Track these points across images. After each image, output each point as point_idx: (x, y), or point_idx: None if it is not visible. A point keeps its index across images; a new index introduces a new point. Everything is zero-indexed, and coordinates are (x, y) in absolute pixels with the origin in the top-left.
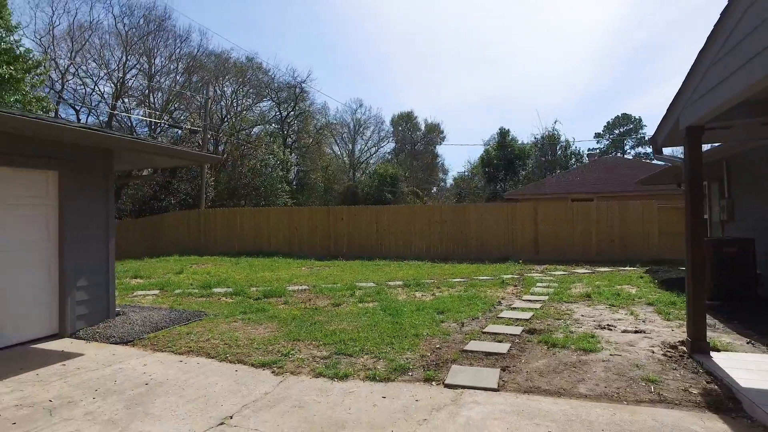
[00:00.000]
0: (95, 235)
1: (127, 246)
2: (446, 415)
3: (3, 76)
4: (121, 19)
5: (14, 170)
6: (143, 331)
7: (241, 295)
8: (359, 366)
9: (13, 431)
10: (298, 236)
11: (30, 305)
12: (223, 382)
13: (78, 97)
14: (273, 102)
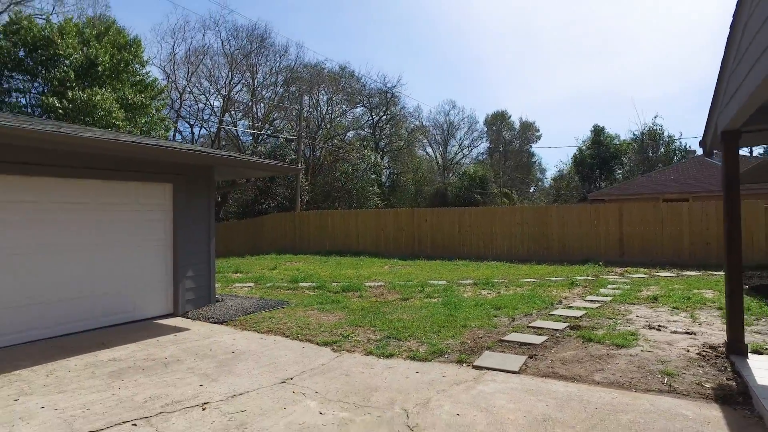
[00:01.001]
0: (199, 235)
1: (232, 245)
2: (463, 388)
3: (136, 103)
4: (228, 42)
5: (143, 183)
6: (235, 314)
7: (323, 288)
8: (404, 348)
9: (143, 373)
10: (384, 237)
11: (153, 290)
12: (291, 355)
13: (192, 112)
14: (365, 108)
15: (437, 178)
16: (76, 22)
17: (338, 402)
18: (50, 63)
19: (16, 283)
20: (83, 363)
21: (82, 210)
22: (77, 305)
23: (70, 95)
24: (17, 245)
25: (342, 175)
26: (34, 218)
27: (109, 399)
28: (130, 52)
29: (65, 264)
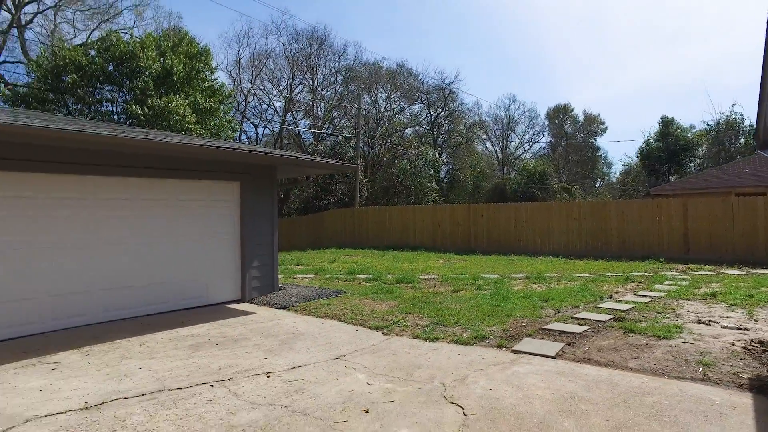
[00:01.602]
0: (264, 228)
1: (294, 239)
2: (499, 369)
3: (206, 107)
4: (289, 45)
5: (215, 182)
6: (296, 301)
7: (378, 280)
8: (449, 333)
9: (216, 347)
10: (441, 232)
11: (223, 278)
12: (345, 336)
13: (256, 113)
14: (423, 104)
15: (497, 173)
16: (154, 36)
17: (384, 375)
18: (133, 74)
19: (115, 269)
20: (168, 337)
21: (163, 206)
22: (160, 289)
23: (149, 103)
24: (118, 237)
25: (400, 172)
26: (129, 213)
27: (190, 365)
28: (200, 60)
29: (151, 253)
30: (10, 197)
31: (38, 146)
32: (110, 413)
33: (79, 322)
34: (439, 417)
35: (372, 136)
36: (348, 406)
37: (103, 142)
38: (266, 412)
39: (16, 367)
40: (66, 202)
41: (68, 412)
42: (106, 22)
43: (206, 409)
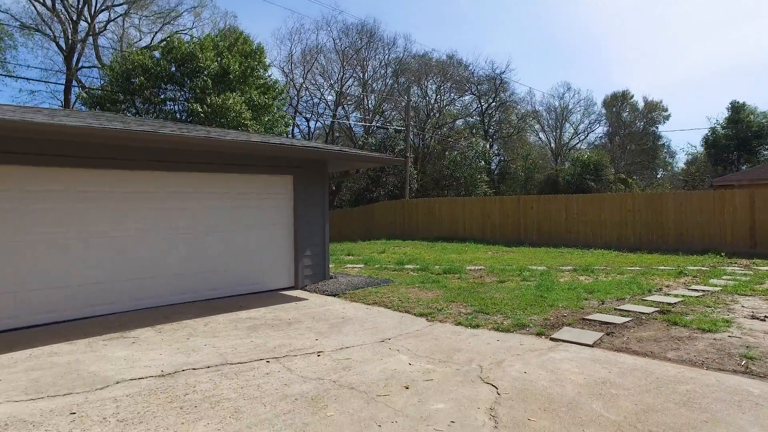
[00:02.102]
0: (315, 220)
1: (345, 230)
2: (535, 354)
3: (261, 104)
4: (339, 39)
5: (270, 176)
6: (346, 288)
7: (425, 270)
8: (491, 321)
9: (272, 329)
10: (490, 224)
11: (278, 266)
12: (390, 321)
13: (308, 107)
14: (474, 95)
15: (549, 164)
16: (212, 37)
17: (425, 357)
18: (193, 74)
19: (181, 256)
20: (228, 319)
21: (222, 198)
22: (220, 276)
23: (208, 101)
24: (183, 227)
25: (451, 163)
26: (192, 205)
27: (249, 344)
28: (254, 58)
29: (212, 242)
30: (93, 192)
31: (119, 147)
32: (182, 381)
33: (150, 304)
34: (474, 395)
35: (422, 128)
36: (390, 382)
37: (171, 140)
38: (316, 385)
39: (104, 339)
40: (141, 195)
41: (148, 378)
42: (168, 25)
43: (263, 381)
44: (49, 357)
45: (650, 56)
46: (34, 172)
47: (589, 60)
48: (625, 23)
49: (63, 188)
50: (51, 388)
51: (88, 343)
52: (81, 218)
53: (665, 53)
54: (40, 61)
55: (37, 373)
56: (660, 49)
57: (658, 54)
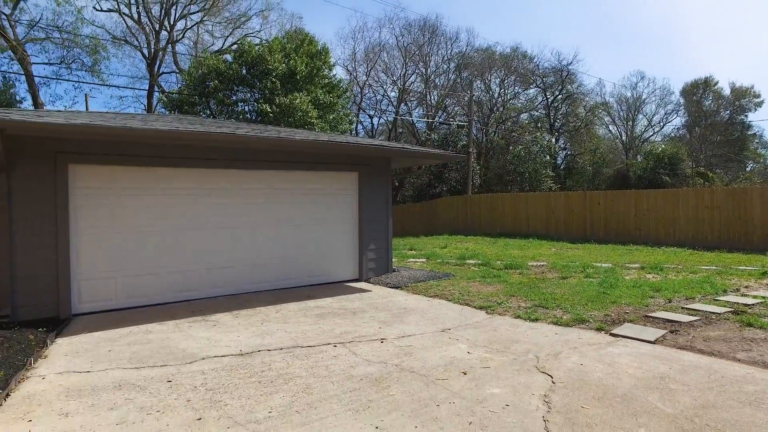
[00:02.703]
0: (379, 215)
1: (407, 226)
2: (593, 348)
3: (326, 102)
4: (402, 36)
5: (336, 173)
6: (408, 281)
7: (487, 265)
8: (550, 315)
9: (338, 317)
10: (555, 220)
11: (343, 259)
12: (451, 313)
13: (371, 104)
14: (539, 88)
15: (620, 158)
16: (279, 39)
17: (483, 347)
18: (262, 76)
19: (254, 248)
20: (297, 307)
21: (292, 194)
22: (290, 267)
23: (277, 101)
24: (255, 221)
25: (514, 158)
26: (263, 201)
27: (317, 330)
28: (320, 59)
29: (282, 235)
30: (178, 189)
31: (201, 148)
32: (258, 359)
33: (226, 292)
34: (529, 382)
35: (485, 123)
36: (449, 368)
37: (247, 141)
38: (379, 368)
39: (188, 321)
40: (219, 192)
41: (229, 356)
42: (238, 29)
43: (331, 363)
44: (145, 335)
45: (739, 36)
46: (127, 171)
47: (665, 46)
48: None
49: (152, 185)
50: (149, 359)
51: (175, 324)
52: (167, 213)
53: (758, 31)
54: (127, 69)
55: (137, 347)
56: (751, 28)
57: (748, 33)
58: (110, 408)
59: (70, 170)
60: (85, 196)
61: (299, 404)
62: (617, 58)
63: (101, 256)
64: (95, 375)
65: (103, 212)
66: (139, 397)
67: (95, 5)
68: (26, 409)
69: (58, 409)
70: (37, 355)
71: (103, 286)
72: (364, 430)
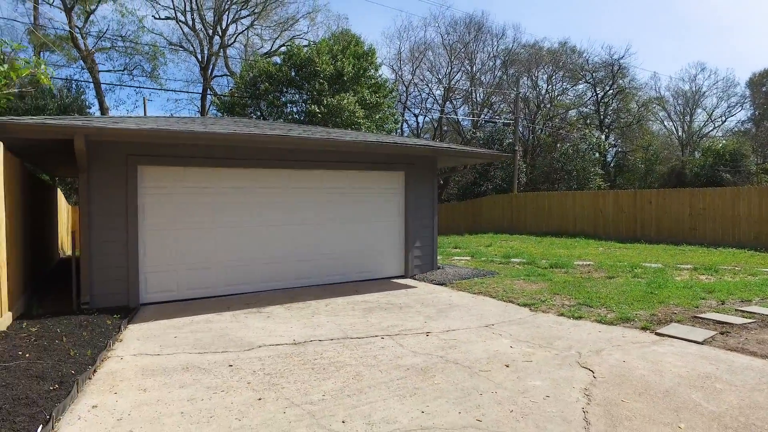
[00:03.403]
0: (425, 213)
1: (452, 224)
2: (637, 346)
3: (372, 102)
4: (447, 34)
5: (383, 172)
6: (453, 278)
7: (532, 264)
8: (594, 313)
9: (384, 311)
10: (603, 219)
11: (389, 256)
12: (495, 310)
13: (417, 103)
14: (588, 84)
15: (676, 154)
16: (327, 41)
17: (526, 342)
18: (311, 77)
19: (304, 243)
20: (345, 301)
21: (340, 193)
22: (338, 263)
23: (324, 102)
24: (305, 218)
25: (562, 156)
26: (313, 199)
27: (364, 323)
28: (366, 59)
29: (330, 232)
30: (232, 188)
31: (254, 148)
32: (311, 348)
33: (278, 286)
34: (570, 376)
35: (532, 120)
36: (492, 361)
37: (298, 142)
38: (425, 359)
39: (244, 313)
40: (272, 190)
41: (283, 345)
42: (286, 31)
43: (379, 353)
44: (205, 324)
45: None
46: (189, 171)
47: (728, 35)
48: None
49: (210, 185)
50: (211, 346)
51: (232, 315)
52: (223, 210)
53: None
54: (183, 74)
55: (199, 335)
56: None
57: None
58: (181, 386)
59: (139, 171)
60: (151, 195)
61: (350, 389)
62: (674, 50)
63: (165, 251)
64: (165, 358)
65: (167, 209)
66: (204, 378)
67: (154, 14)
68: (111, 383)
69: (137, 385)
70: (114, 339)
71: (167, 278)
72: (411, 414)
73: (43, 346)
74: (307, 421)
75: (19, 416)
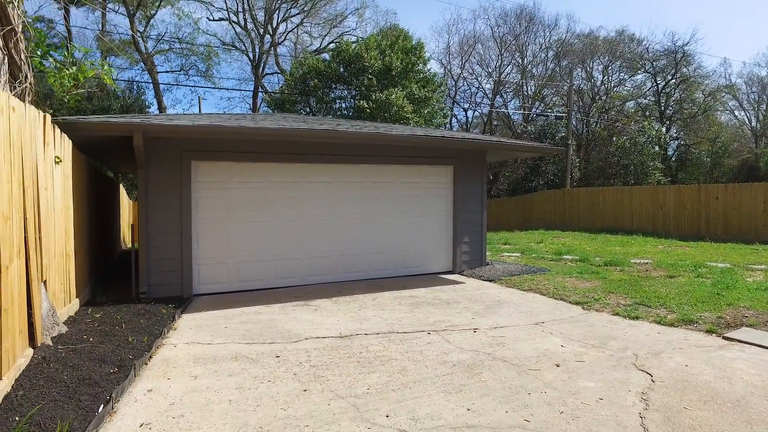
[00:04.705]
0: (473, 208)
1: (502, 220)
2: (702, 351)
3: (421, 97)
4: (497, 26)
5: (432, 166)
6: (502, 275)
7: (585, 261)
8: (652, 314)
9: (431, 306)
10: (663, 215)
11: (437, 251)
12: (545, 307)
13: (466, 97)
14: (648, 73)
15: (749, 146)
16: (375, 37)
17: (578, 341)
18: (359, 73)
19: (351, 238)
20: (392, 296)
21: (387, 188)
22: (385, 258)
23: (373, 97)
24: (353, 213)
25: (618, 150)
26: (360, 193)
27: (411, 317)
28: (414, 54)
29: (377, 227)
30: (281, 182)
31: (303, 143)
32: (357, 342)
33: (325, 280)
34: (625, 378)
35: (586, 113)
36: (541, 359)
37: (344, 136)
38: (472, 356)
39: (292, 305)
40: (319, 185)
41: (329, 338)
42: (335, 28)
43: (425, 348)
44: (254, 315)
45: None
46: (239, 166)
47: None
48: None
49: (260, 179)
50: (259, 337)
51: (281, 307)
52: (272, 204)
53: None
54: (235, 72)
55: (249, 326)
56: None
57: None
58: (229, 375)
59: (193, 166)
60: (203, 189)
61: (395, 384)
62: (747, 34)
63: (216, 243)
64: (215, 347)
65: (218, 203)
66: (252, 367)
67: (209, 16)
68: (165, 370)
69: (188, 372)
70: (168, 327)
71: (218, 270)
72: (456, 411)
73: (105, 332)
74: (352, 414)
75: (83, 395)
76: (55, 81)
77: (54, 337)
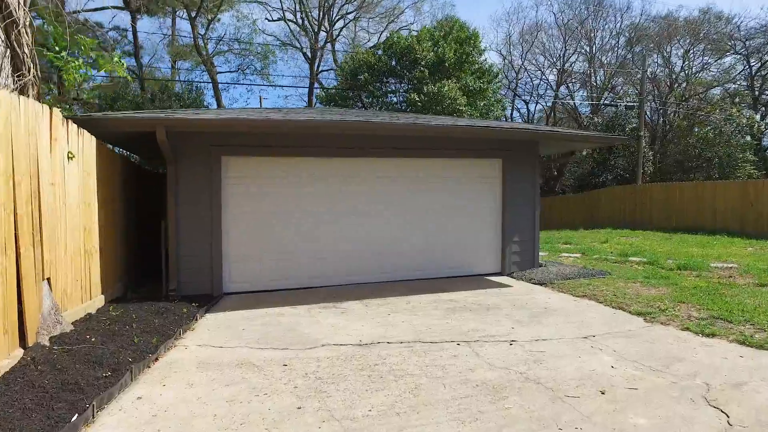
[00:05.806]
0: (524, 205)
1: (566, 217)
2: None
3: (476, 89)
4: (561, 12)
5: (478, 160)
6: (555, 278)
7: (653, 264)
8: (734, 331)
9: (470, 312)
10: (753, 213)
11: (484, 251)
12: (600, 318)
13: (528, 90)
14: (739, 55)
15: None
16: (428, 28)
17: (634, 362)
18: (411, 66)
19: (387, 236)
20: (429, 299)
21: (429, 183)
22: (426, 258)
23: (425, 90)
24: (390, 209)
25: (699, 142)
26: (398, 188)
27: (444, 325)
28: (469, 44)
29: (417, 225)
30: (314, 178)
31: (332, 135)
32: (375, 351)
33: (359, 280)
34: (691, 416)
35: (663, 102)
36: (584, 383)
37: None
38: (501, 374)
39: (319, 307)
40: (354, 180)
41: (347, 345)
42: (392, 23)
43: (449, 362)
44: (277, 317)
45: None
46: (270, 161)
47: None
48: None
49: (291, 175)
50: (274, 341)
51: (307, 309)
52: (305, 201)
53: None
54: (291, 70)
55: (269, 329)
56: None
57: None
58: (226, 384)
59: (223, 161)
60: (234, 185)
61: (401, 406)
62: None
63: (248, 241)
64: (225, 351)
65: (250, 199)
66: (253, 377)
67: (267, 17)
68: (165, 375)
69: (186, 379)
70: (186, 327)
71: (249, 269)
72: None
73: (112, 331)
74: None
75: (60, 402)
76: (69, 76)
77: (53, 337)
